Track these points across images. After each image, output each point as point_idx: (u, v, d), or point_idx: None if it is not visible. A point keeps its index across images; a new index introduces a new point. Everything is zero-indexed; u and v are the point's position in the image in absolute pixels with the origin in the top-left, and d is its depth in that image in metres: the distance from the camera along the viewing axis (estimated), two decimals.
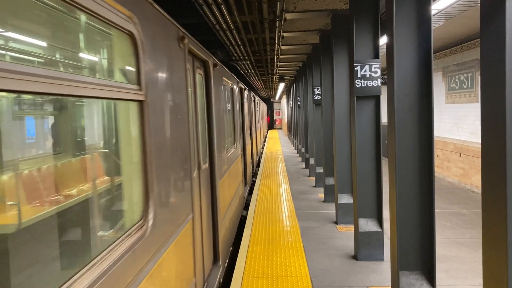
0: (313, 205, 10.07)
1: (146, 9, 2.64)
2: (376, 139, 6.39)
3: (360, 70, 6.11)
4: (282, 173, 15.12)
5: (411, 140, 4.76)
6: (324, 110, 10.17)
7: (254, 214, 9.17)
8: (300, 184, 12.96)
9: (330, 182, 10.08)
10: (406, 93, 4.75)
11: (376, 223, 6.39)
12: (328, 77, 9.70)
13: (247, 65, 12.84)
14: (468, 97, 11.40)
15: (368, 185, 6.41)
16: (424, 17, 4.68)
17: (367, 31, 6.24)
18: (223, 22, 6.84)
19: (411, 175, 4.77)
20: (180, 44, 3.48)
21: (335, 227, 8.13)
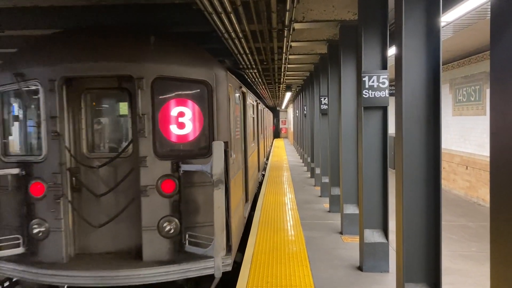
0: (318, 215, 10.02)
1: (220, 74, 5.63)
2: (383, 150, 6.37)
3: (368, 81, 6.11)
4: (287, 182, 15.08)
5: (419, 151, 4.74)
6: (330, 119, 10.16)
7: (259, 222, 9.14)
8: (305, 193, 12.91)
9: (335, 192, 10.05)
10: (414, 105, 4.74)
11: (381, 234, 6.36)
12: (335, 87, 9.71)
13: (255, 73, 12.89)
14: (476, 110, 11.36)
15: (374, 196, 6.38)
16: (433, 29, 4.69)
17: (376, 42, 6.25)
18: (232, 31, 6.88)
19: (418, 186, 4.74)
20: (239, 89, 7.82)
21: (340, 238, 8.08)
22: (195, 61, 5.62)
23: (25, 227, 5.49)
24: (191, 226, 5.43)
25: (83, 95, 5.64)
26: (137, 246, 5.54)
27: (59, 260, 5.41)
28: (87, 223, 5.56)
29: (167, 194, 5.40)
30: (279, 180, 15.45)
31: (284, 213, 10.11)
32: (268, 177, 16.18)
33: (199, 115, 5.54)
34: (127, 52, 5.44)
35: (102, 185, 5.60)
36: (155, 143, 5.42)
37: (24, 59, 5.60)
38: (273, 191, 13.17)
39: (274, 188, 13.65)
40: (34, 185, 5.45)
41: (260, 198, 11.99)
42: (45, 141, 5.41)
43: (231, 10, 5.83)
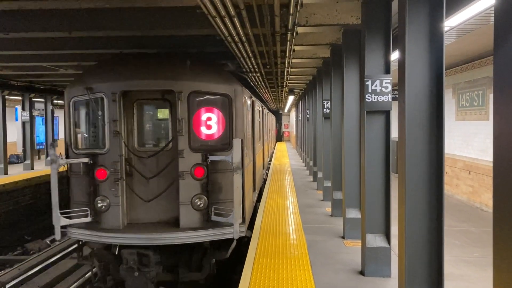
0: (320, 219, 10.00)
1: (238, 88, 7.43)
2: (385, 154, 6.36)
3: (370, 85, 6.11)
4: (290, 186, 15.07)
5: (421, 156, 4.74)
6: (333, 123, 10.16)
7: (261, 226, 9.13)
8: (308, 197, 12.89)
9: (338, 196, 10.03)
10: (417, 109, 4.74)
11: (384, 238, 6.34)
12: (338, 91, 9.71)
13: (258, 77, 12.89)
14: (479, 115, 11.34)
15: (376, 200, 6.37)
16: (436, 33, 4.69)
17: (379, 46, 6.25)
18: (235, 34, 6.90)
19: (421, 191, 4.73)
20: (250, 98, 9.31)
21: (342, 242, 8.06)
22: (219, 79, 7.63)
23: (92, 202, 7.35)
24: (216, 201, 7.28)
25: (135, 104, 7.62)
26: (175, 217, 7.36)
27: (117, 227, 7.26)
28: (140, 198, 7.45)
29: (198, 178, 7.28)
30: (281, 184, 15.44)
31: (286, 217, 10.09)
32: (270, 181, 16.17)
33: (222, 119, 7.51)
34: (170, 72, 7.42)
35: (148, 171, 7.50)
36: (190, 140, 7.32)
37: (92, 77, 7.58)
38: (275, 194, 13.15)
39: (276, 192, 13.64)
40: (99, 171, 7.34)
41: (262, 201, 11.97)
42: (108, 138, 7.32)
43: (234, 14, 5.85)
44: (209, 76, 7.65)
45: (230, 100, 7.52)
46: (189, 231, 7.10)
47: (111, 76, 7.52)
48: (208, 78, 7.58)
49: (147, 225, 7.41)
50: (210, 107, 7.51)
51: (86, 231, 7.30)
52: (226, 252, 7.56)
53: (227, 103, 7.52)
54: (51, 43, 9.15)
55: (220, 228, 7.16)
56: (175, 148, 7.41)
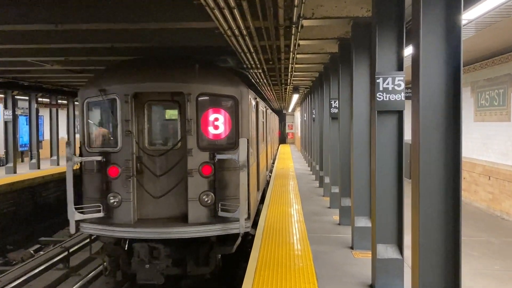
0: (327, 228, 10.00)
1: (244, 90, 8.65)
2: (398, 157, 6.36)
3: (382, 83, 6.11)
4: (294, 191, 15.07)
5: (437, 160, 4.73)
6: (341, 124, 10.15)
7: (263, 235, 9.13)
8: (313, 204, 12.87)
9: (346, 203, 10.03)
10: (432, 109, 4.74)
11: (396, 249, 6.33)
12: (347, 89, 9.72)
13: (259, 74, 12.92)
14: (500, 115, 11.32)
15: (388, 208, 6.36)
16: (453, 27, 4.68)
17: (391, 41, 6.25)
18: (235, 28, 6.91)
19: (436, 198, 4.73)
20: (254, 99, 10.33)
21: (351, 253, 8.05)
22: (226, 82, 8.70)
23: (104, 198, 8.39)
24: (222, 198, 8.32)
25: (146, 105, 8.68)
26: (183, 213, 8.40)
27: (128, 222, 8.29)
28: (150, 195, 8.53)
29: (206, 176, 8.31)
30: (284, 190, 15.45)
31: (290, 225, 10.10)
32: (272, 186, 16.19)
33: (228, 120, 8.56)
34: (179, 75, 8.53)
35: (158, 169, 8.58)
36: (198, 139, 8.39)
37: (105, 79, 8.67)
38: (278, 201, 13.15)
39: (279, 198, 13.64)
40: (111, 169, 8.39)
41: (264, 208, 11.97)
42: (120, 137, 8.38)
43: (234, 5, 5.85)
44: (217, 79, 8.70)
45: (237, 101, 8.53)
46: (197, 226, 8.13)
47: (123, 78, 8.59)
48: (215, 81, 8.62)
49: (157, 220, 8.43)
50: (217, 108, 8.55)
51: (99, 226, 8.33)
52: (231, 247, 8.54)
53: (233, 105, 8.55)
54: (35, 36, 9.19)
55: (227, 223, 8.21)
56: (184, 147, 8.49)
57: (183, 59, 9.13)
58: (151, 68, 8.74)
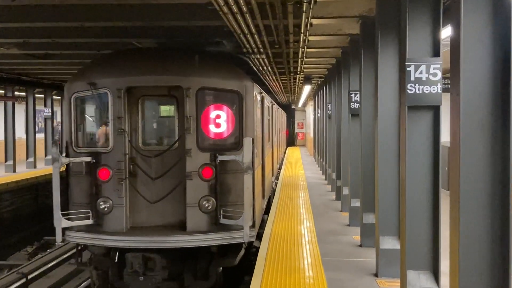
0: (345, 251, 9.98)
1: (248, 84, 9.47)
2: (433, 164, 6.35)
3: (414, 72, 6.11)
4: (305, 205, 15.08)
5: (482, 167, 4.73)
6: (363, 123, 10.14)
7: (266, 259, 9.13)
8: (329, 221, 12.85)
9: (369, 220, 10.03)
10: (476, 104, 4.73)
11: (430, 277, 6.32)
12: (371, 79, 9.71)
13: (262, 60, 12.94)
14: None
15: (421, 226, 6.35)
16: (503, 2, 4.68)
17: (425, 19, 6.26)
18: (233, 3, 6.92)
19: (480, 213, 4.73)
20: (260, 94, 11.23)
21: (375, 281, 8.03)
22: (229, 75, 9.44)
23: (93, 203, 8.99)
24: (225, 204, 8.99)
25: (140, 100, 9.33)
26: (181, 220, 9.05)
27: (120, 230, 8.92)
28: (144, 199, 9.16)
29: (206, 179, 8.98)
30: (293, 203, 15.47)
31: (299, 247, 10.09)
32: (278, 199, 16.24)
33: (232, 117, 9.26)
34: (177, 68, 9.24)
35: (154, 171, 9.23)
36: (198, 138, 9.04)
37: (95, 72, 9.35)
38: (285, 217, 13.16)
39: (287, 213, 13.64)
40: (101, 171, 9.01)
41: (268, 225, 11.98)
42: (112, 136, 9.02)
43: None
44: (219, 72, 9.41)
45: (241, 97, 9.24)
46: (197, 234, 8.82)
47: (115, 71, 9.30)
48: (217, 74, 9.33)
49: (152, 228, 9.13)
50: (219, 104, 9.25)
51: (87, 234, 8.97)
52: (234, 259, 9.23)
53: (237, 100, 9.25)
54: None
55: (229, 232, 8.86)
56: (182, 147, 9.13)
57: (181, 49, 9.90)
58: (146, 59, 9.44)
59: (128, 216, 9.10)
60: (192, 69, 9.19)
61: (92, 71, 9.46)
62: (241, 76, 9.60)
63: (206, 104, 9.21)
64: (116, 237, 8.78)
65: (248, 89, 9.32)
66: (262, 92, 12.45)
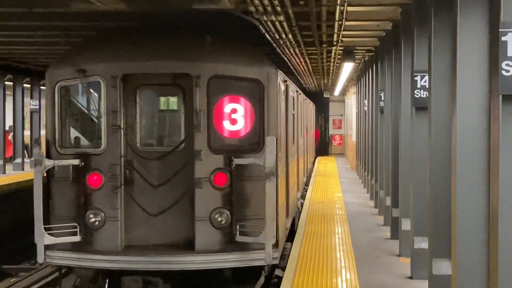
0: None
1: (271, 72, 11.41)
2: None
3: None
4: (344, 246, 15.13)
5: None
6: (435, 120, 10.05)
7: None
8: (380, 270, 12.93)
9: (443, 269, 9.94)
10: None
11: None
12: (445, 55, 9.67)
13: (280, 24, 12.97)
14: None
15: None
16: None
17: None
18: None
19: None
20: (284, 83, 13.56)
21: None
22: (248, 60, 11.02)
23: (82, 216, 10.49)
24: (242, 217, 10.52)
25: (139, 91, 10.96)
26: (189, 237, 10.68)
27: (114, 249, 10.39)
28: (144, 212, 10.71)
29: (220, 187, 10.53)
30: (326, 243, 15.49)
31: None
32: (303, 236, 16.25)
33: (250, 112, 10.82)
34: (185, 51, 10.82)
35: (155, 177, 10.80)
36: (210, 138, 10.60)
37: (85, 56, 10.94)
38: (314, 264, 13.07)
39: (316, 258, 13.62)
40: (91, 176, 10.52)
41: (285, 279, 11.91)
42: (105, 134, 10.57)
43: None
44: (235, 56, 11.08)
45: (262, 86, 10.75)
46: (207, 255, 10.36)
47: (110, 55, 10.89)
48: (233, 59, 10.96)
49: (153, 246, 10.63)
50: (235, 96, 10.83)
51: (73, 254, 10.45)
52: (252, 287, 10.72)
53: (257, 91, 10.78)
54: None
55: (247, 252, 10.37)
56: (190, 148, 10.70)
57: (189, 28, 11.48)
58: (147, 41, 11.10)
59: (124, 232, 10.56)
60: (203, 52, 10.74)
61: (80, 54, 11.06)
62: (262, 61, 11.11)
63: (219, 95, 10.71)
64: (109, 257, 10.28)
65: (271, 77, 10.81)
66: (287, 80, 14.15)
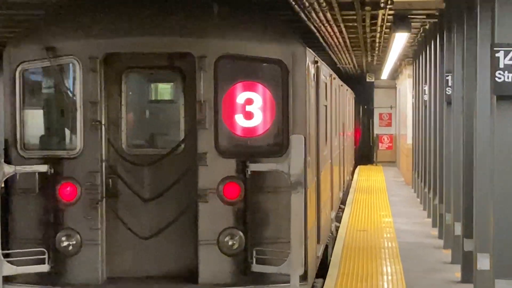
0: None
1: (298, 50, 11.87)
2: None
3: None
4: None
5: None
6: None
7: None
8: None
9: None
10: None
11: None
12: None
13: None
14: None
15: None
16: None
17: None
18: None
19: None
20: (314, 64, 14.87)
21: None
22: (268, 35, 11.22)
23: (51, 239, 10.67)
24: (259, 241, 10.69)
25: (125, 75, 11.23)
26: (190, 267, 10.90)
27: (93, 281, 10.59)
28: (132, 233, 10.76)
29: (231, 201, 10.74)
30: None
31: None
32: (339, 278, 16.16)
33: (270, 103, 11.02)
34: (185, 24, 10.98)
35: (146, 189, 11.01)
36: (217, 137, 10.83)
37: (55, 30, 11.11)
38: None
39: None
40: (64, 187, 10.71)
41: None
42: (81, 132, 10.76)
43: None
44: (251, 30, 11.22)
45: (286, 70, 10.90)
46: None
47: (86, 28, 10.92)
48: (249, 33, 11.12)
49: (143, 279, 10.82)
50: (251, 82, 11.00)
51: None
52: None
53: (280, 76, 10.96)
54: None
55: (266, 286, 10.53)
56: (191, 150, 10.88)
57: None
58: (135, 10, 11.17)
59: (106, 259, 10.73)
60: (209, 25, 10.91)
61: (49, 28, 11.17)
62: (287, 36, 11.31)
63: (230, 81, 10.93)
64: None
65: (297, 58, 11.00)
66: (318, 61, 14.80)
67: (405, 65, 40.01)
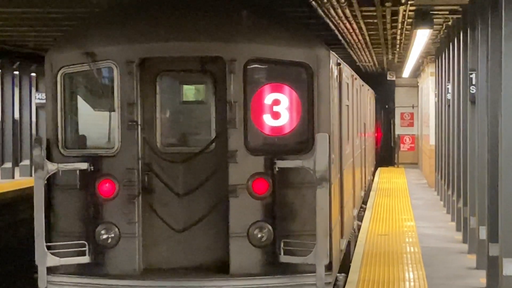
0: None
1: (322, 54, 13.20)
2: None
3: None
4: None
5: None
6: None
7: None
8: None
9: None
10: None
11: None
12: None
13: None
14: None
15: None
16: None
17: None
18: None
19: None
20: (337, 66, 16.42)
21: None
22: (294, 40, 12.42)
23: (91, 233, 11.93)
24: (287, 233, 11.94)
25: (159, 78, 12.42)
26: (221, 258, 12.19)
27: (131, 272, 11.88)
28: (167, 226, 12.14)
29: (260, 196, 11.98)
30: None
31: None
32: (359, 285, 16.26)
33: (297, 104, 12.23)
34: (216, 29, 12.08)
35: (180, 185, 12.30)
36: (247, 135, 12.05)
37: (94, 36, 12.29)
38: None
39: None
40: (103, 183, 11.94)
41: None
42: (119, 131, 11.96)
43: None
44: (278, 35, 12.23)
45: (311, 72, 11.98)
46: (245, 279, 11.65)
47: (123, 35, 12.05)
48: (276, 38, 12.09)
49: (177, 270, 12.00)
50: (279, 84, 12.16)
51: (81, 279, 11.74)
52: None
53: (305, 78, 12.07)
54: None
55: (293, 276, 11.69)
56: (222, 148, 12.03)
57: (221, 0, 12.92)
58: (169, 17, 12.27)
59: (143, 251, 11.97)
60: (239, 31, 11.94)
61: (88, 35, 12.33)
62: (311, 41, 12.43)
63: (259, 83, 12.15)
64: (124, 283, 11.61)
65: (321, 60, 12.07)
66: (341, 63, 15.47)
67: (427, 63, 39.95)
